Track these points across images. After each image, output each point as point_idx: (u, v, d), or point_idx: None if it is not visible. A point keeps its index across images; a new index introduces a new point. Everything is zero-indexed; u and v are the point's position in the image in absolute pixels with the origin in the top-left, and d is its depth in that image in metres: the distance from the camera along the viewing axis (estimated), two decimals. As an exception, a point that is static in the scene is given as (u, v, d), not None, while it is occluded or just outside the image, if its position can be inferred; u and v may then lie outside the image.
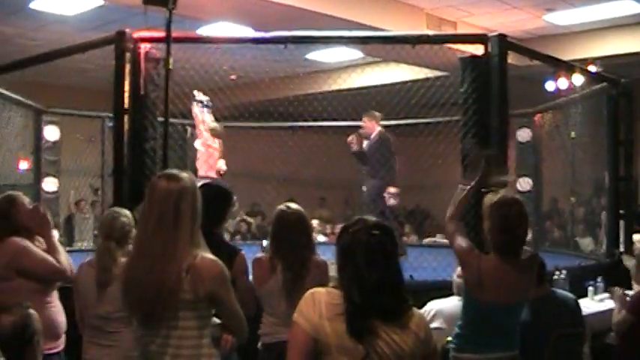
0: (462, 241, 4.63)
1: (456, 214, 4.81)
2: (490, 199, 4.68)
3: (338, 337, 3.01)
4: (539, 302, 5.56)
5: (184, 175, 3.65)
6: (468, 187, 4.86)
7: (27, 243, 5.15)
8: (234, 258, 4.95)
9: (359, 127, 12.00)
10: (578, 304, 5.94)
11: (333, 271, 3.30)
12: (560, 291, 6.16)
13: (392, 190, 9.97)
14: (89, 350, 4.99)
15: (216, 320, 3.65)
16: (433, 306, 5.99)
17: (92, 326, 4.99)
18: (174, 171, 3.69)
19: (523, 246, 4.60)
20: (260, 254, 5.34)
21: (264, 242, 7.16)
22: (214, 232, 5.06)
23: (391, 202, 10.00)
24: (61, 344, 5.25)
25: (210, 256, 3.55)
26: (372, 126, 10.32)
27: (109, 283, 4.85)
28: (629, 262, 8.24)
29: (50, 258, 5.15)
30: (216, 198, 5.23)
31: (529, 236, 11.71)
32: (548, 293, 5.77)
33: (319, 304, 3.08)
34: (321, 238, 14.08)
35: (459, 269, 5.62)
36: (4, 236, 5.12)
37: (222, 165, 12.00)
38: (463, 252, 4.60)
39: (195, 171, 11.73)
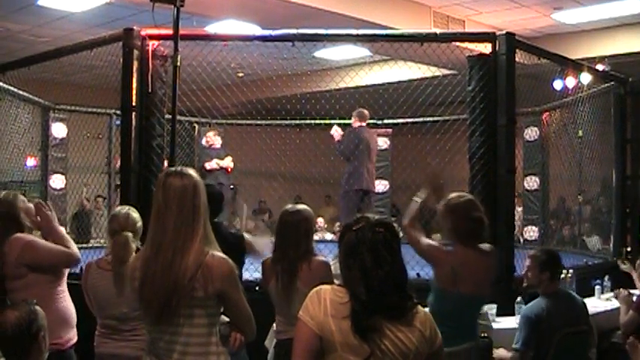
0: (428, 241, 4.84)
1: (413, 222, 5.00)
2: (442, 202, 4.91)
3: (343, 334, 3.01)
4: (551, 298, 5.55)
5: (192, 171, 3.68)
6: (421, 199, 5.13)
7: (32, 237, 5.16)
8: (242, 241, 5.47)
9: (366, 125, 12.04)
10: (585, 306, 5.92)
11: (338, 269, 3.29)
12: (568, 290, 6.14)
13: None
14: (105, 343, 5.02)
15: (225, 318, 3.66)
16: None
17: (107, 325, 5.02)
18: (180, 168, 3.70)
19: (484, 232, 4.81)
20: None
21: None
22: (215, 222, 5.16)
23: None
24: (74, 336, 5.25)
25: (220, 254, 3.55)
26: (354, 122, 10.68)
27: (126, 276, 4.88)
28: (624, 266, 8.24)
29: (56, 245, 5.16)
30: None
31: (536, 234, 11.82)
32: (559, 290, 5.75)
33: (324, 302, 3.08)
34: (328, 236, 14.09)
35: None
36: (10, 234, 5.13)
37: (229, 162, 12.04)
38: (433, 250, 4.78)
39: (200, 168, 11.83)
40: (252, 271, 6.58)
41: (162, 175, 3.69)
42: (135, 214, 5.18)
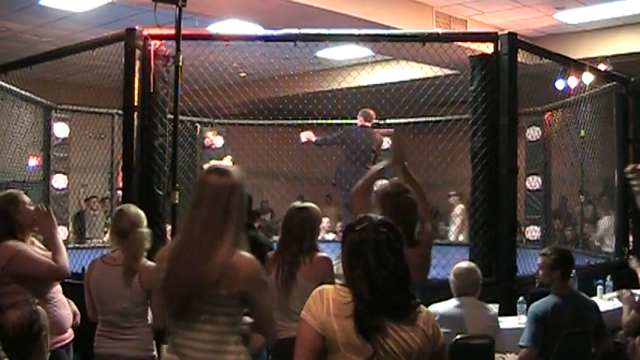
0: None
1: (366, 186, 5.16)
2: (382, 188, 5.06)
3: (346, 334, 3.00)
4: (561, 297, 5.55)
5: (233, 170, 3.65)
6: (383, 165, 5.32)
7: (22, 247, 5.06)
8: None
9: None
10: (596, 308, 5.88)
11: (341, 269, 3.29)
12: (584, 294, 6.10)
13: None
14: (104, 343, 5.04)
15: (247, 319, 3.65)
16: (436, 310, 5.92)
17: (107, 322, 5.05)
18: (223, 165, 3.67)
19: (413, 231, 4.88)
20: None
21: None
22: None
23: None
24: (67, 337, 5.24)
25: (247, 254, 3.54)
26: (358, 122, 10.86)
27: (136, 272, 4.96)
28: (634, 263, 8.22)
29: (45, 259, 5.09)
30: None
31: (538, 234, 11.80)
32: (569, 290, 5.72)
33: (327, 302, 3.07)
34: (330, 236, 14.08)
35: (455, 267, 5.70)
36: (2, 238, 5.08)
37: (228, 162, 12.02)
38: None
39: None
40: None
41: (203, 172, 3.69)
42: (141, 212, 5.27)
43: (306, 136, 11.06)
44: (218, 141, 12.81)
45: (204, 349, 3.46)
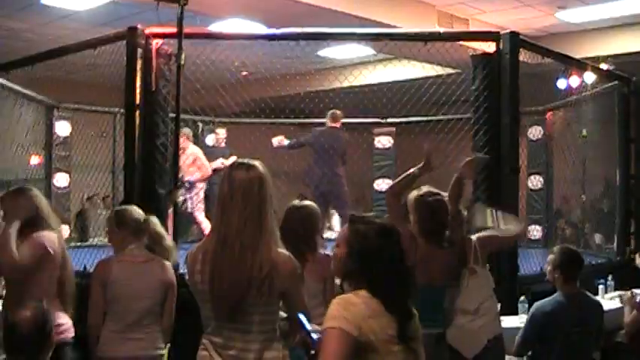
0: (402, 224, 4.81)
1: (397, 187, 5.22)
2: (414, 194, 5.13)
3: (383, 335, 2.99)
4: (564, 297, 5.54)
5: (258, 163, 3.64)
6: (416, 168, 5.23)
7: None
8: None
9: (369, 124, 12.01)
10: (600, 308, 5.87)
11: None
12: (590, 294, 6.07)
13: None
14: (120, 346, 4.97)
15: (282, 314, 3.67)
16: None
17: (127, 323, 4.98)
18: (247, 160, 3.65)
19: (446, 231, 5.06)
20: None
21: None
22: None
23: None
24: None
25: (285, 251, 3.55)
26: (327, 123, 11.11)
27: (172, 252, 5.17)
28: (639, 261, 8.22)
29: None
30: None
31: (539, 234, 11.80)
32: (574, 290, 5.69)
33: (358, 305, 3.00)
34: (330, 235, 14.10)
35: None
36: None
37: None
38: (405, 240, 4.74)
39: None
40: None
41: (228, 168, 3.68)
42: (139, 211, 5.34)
43: (277, 140, 11.30)
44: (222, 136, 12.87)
45: (253, 349, 3.47)
